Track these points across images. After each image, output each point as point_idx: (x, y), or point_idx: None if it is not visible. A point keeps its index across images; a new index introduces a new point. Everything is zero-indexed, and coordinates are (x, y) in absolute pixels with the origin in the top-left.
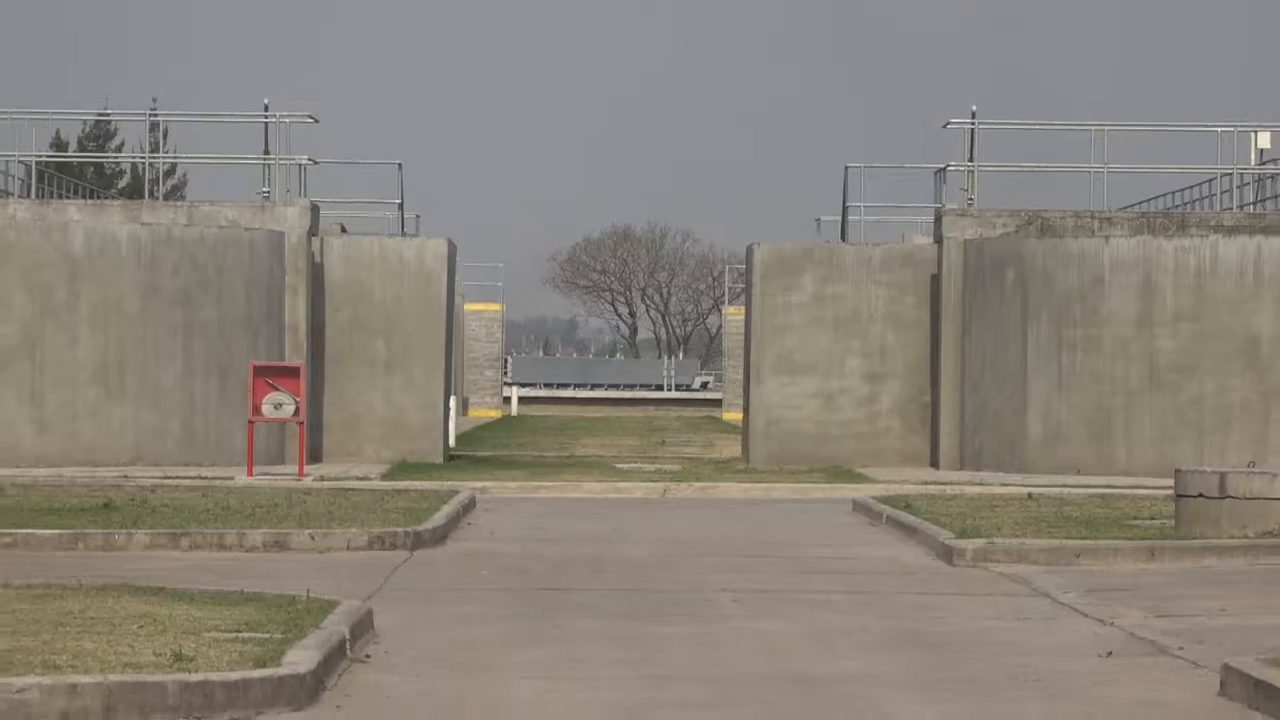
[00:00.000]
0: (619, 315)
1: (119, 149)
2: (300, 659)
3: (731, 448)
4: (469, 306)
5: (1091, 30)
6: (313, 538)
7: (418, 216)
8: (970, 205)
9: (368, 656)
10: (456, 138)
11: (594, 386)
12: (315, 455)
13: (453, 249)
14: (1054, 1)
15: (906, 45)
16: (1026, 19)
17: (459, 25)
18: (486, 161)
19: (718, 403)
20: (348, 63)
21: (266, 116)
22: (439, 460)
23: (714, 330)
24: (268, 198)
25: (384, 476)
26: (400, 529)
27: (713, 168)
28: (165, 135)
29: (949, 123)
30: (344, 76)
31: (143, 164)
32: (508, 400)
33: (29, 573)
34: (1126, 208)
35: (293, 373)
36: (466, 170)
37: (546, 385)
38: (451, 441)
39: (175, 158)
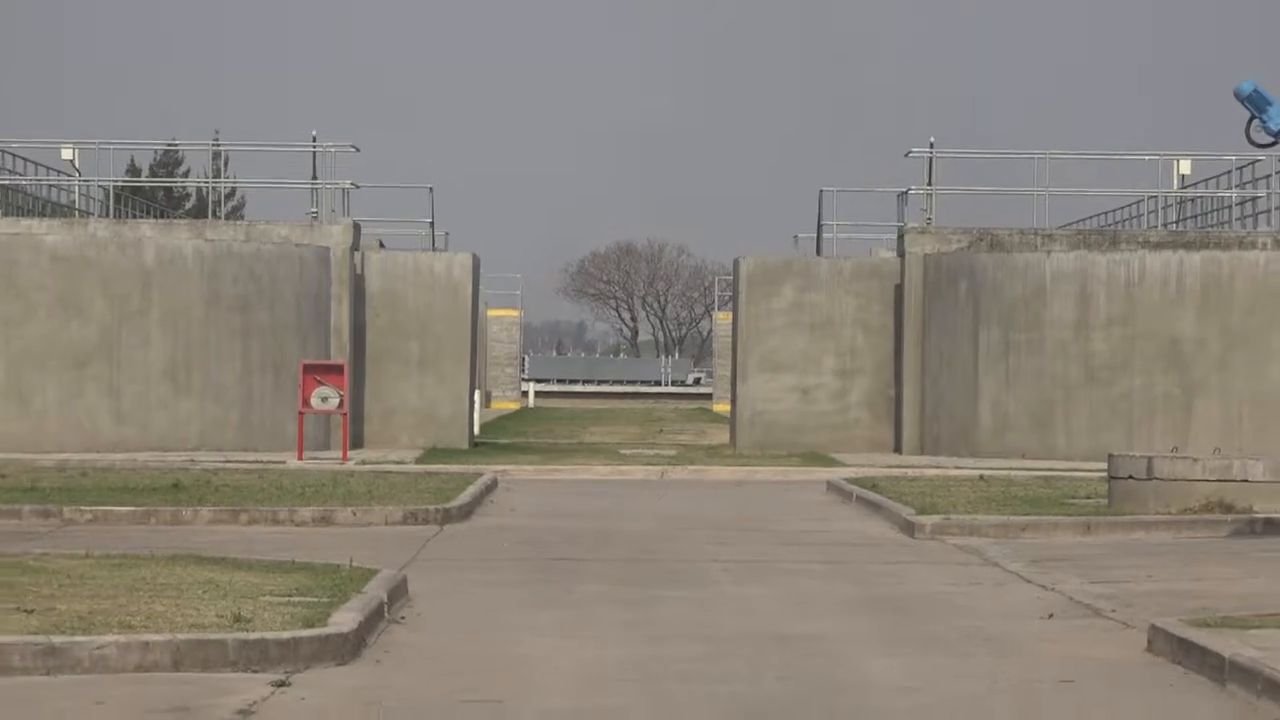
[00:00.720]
0: (622, 319)
1: (186, 174)
2: (344, 620)
3: (721, 436)
4: (491, 312)
5: (1040, 63)
6: (354, 514)
7: (446, 234)
8: (929, 224)
9: (403, 618)
10: (481, 163)
11: (600, 382)
12: (357, 442)
13: (476, 262)
14: (1006, 40)
15: (876, 80)
16: (983, 54)
17: (483, 66)
18: (507, 184)
19: (708, 396)
20: (384, 96)
21: (314, 146)
22: (465, 446)
23: (705, 333)
24: (315, 217)
25: (417, 461)
26: (431, 506)
27: (705, 189)
28: (226, 163)
29: (910, 152)
30: (382, 108)
31: (207, 188)
32: (525, 394)
33: (108, 544)
34: (1065, 226)
35: (337, 370)
36: (490, 192)
37: (559, 381)
38: (476, 430)
39: (235, 182)
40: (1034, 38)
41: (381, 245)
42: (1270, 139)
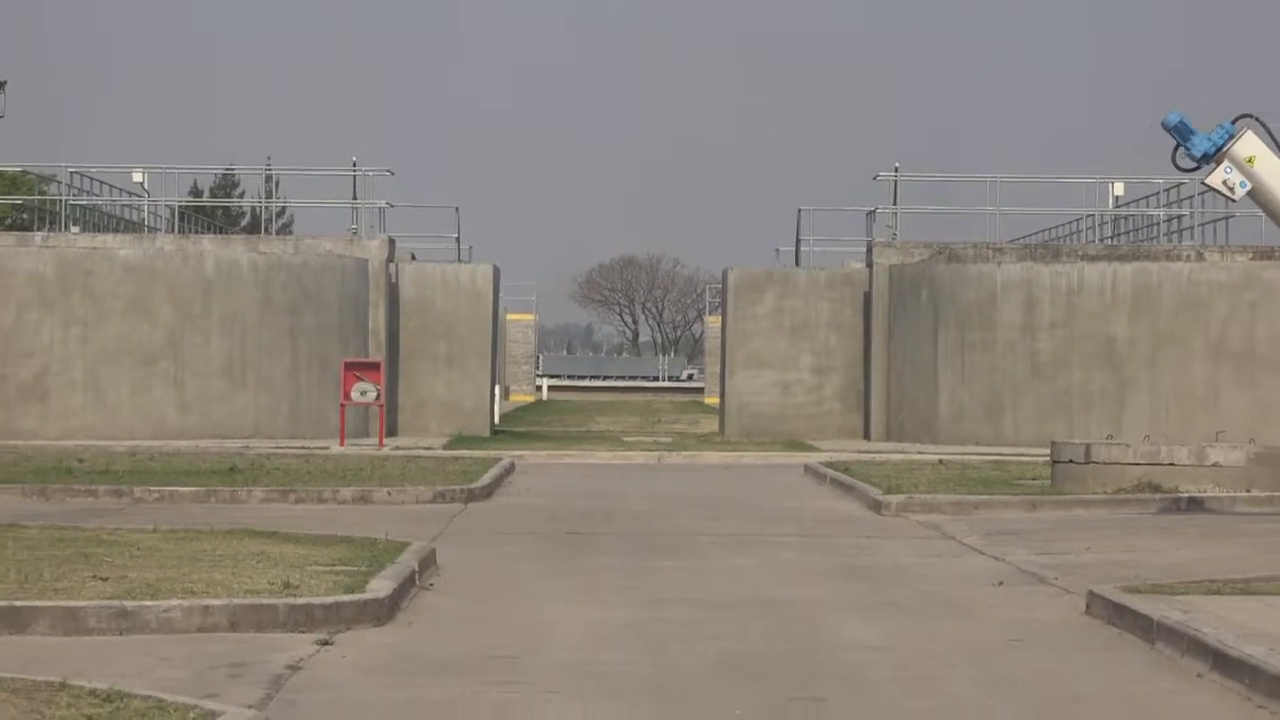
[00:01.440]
0: (625, 322)
1: (241, 195)
2: (380, 587)
3: (711, 425)
4: (510, 316)
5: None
6: (390, 494)
7: (470, 247)
8: (894, 239)
9: (432, 585)
10: (501, 183)
11: (605, 378)
12: (391, 430)
13: (497, 272)
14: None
15: (852, 108)
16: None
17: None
18: (524, 202)
19: (700, 390)
20: (418, 122)
21: (354, 170)
22: (486, 434)
23: (698, 334)
24: (355, 233)
25: (444, 447)
26: (457, 487)
27: (698, 207)
28: (276, 185)
29: (877, 175)
30: (416, 135)
31: (260, 207)
32: (539, 388)
33: (172, 520)
34: (1014, 240)
35: (374, 367)
36: (508, 208)
37: (569, 377)
38: (496, 420)
39: (285, 202)
40: (997, 69)
41: (413, 257)
42: (1194, 165)
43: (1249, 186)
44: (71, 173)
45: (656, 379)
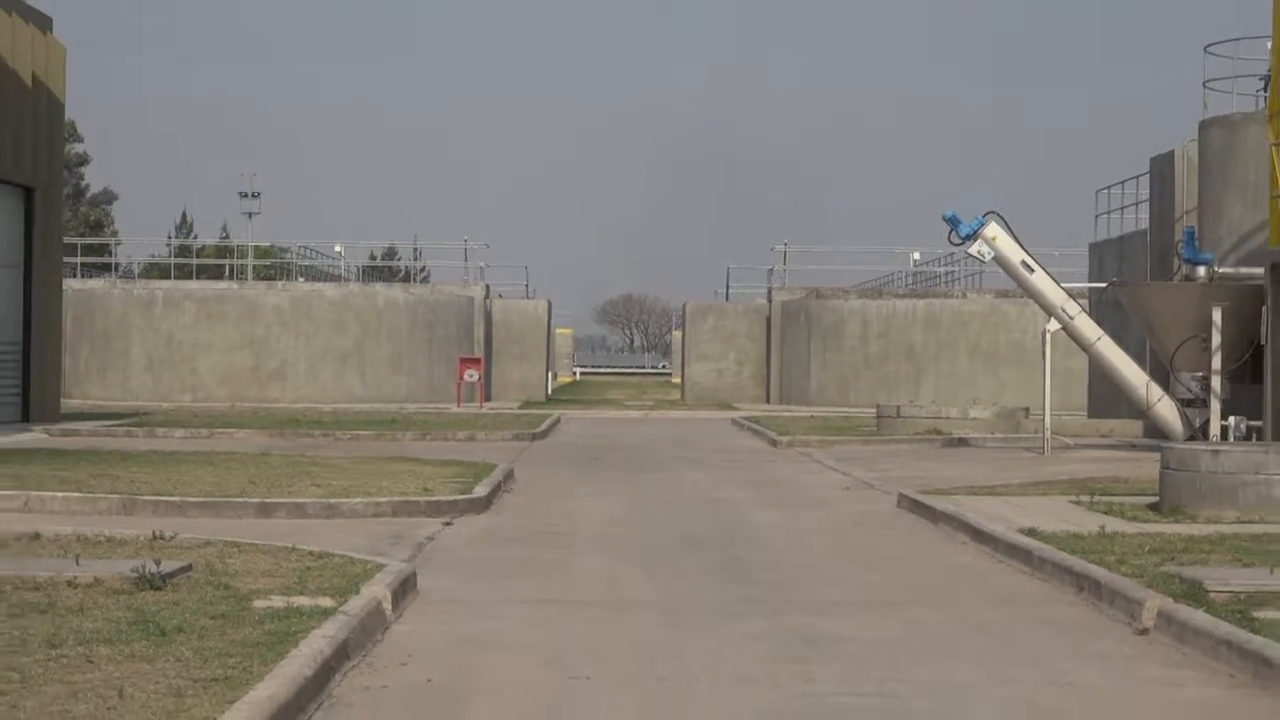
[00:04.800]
0: (626, 334)
1: (397, 257)
2: (481, 490)
3: (675, 395)
4: (558, 330)
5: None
6: (486, 435)
7: (533, 288)
8: (784, 284)
9: (511, 489)
10: (553, 245)
11: (614, 368)
12: (487, 398)
13: (550, 304)
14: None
15: (766, 187)
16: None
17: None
18: (567, 256)
19: (669, 374)
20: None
21: (466, 244)
22: (544, 400)
23: (669, 341)
24: (466, 281)
25: (519, 407)
26: (526, 431)
27: (669, 261)
28: (419, 252)
29: (774, 247)
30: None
31: (411, 265)
32: (575, 373)
33: (357, 451)
34: (856, 285)
35: (477, 361)
36: (558, 261)
37: (594, 367)
38: (549, 392)
39: (425, 261)
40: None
41: (500, 295)
42: (960, 241)
43: (993, 254)
44: (299, 246)
45: (644, 368)
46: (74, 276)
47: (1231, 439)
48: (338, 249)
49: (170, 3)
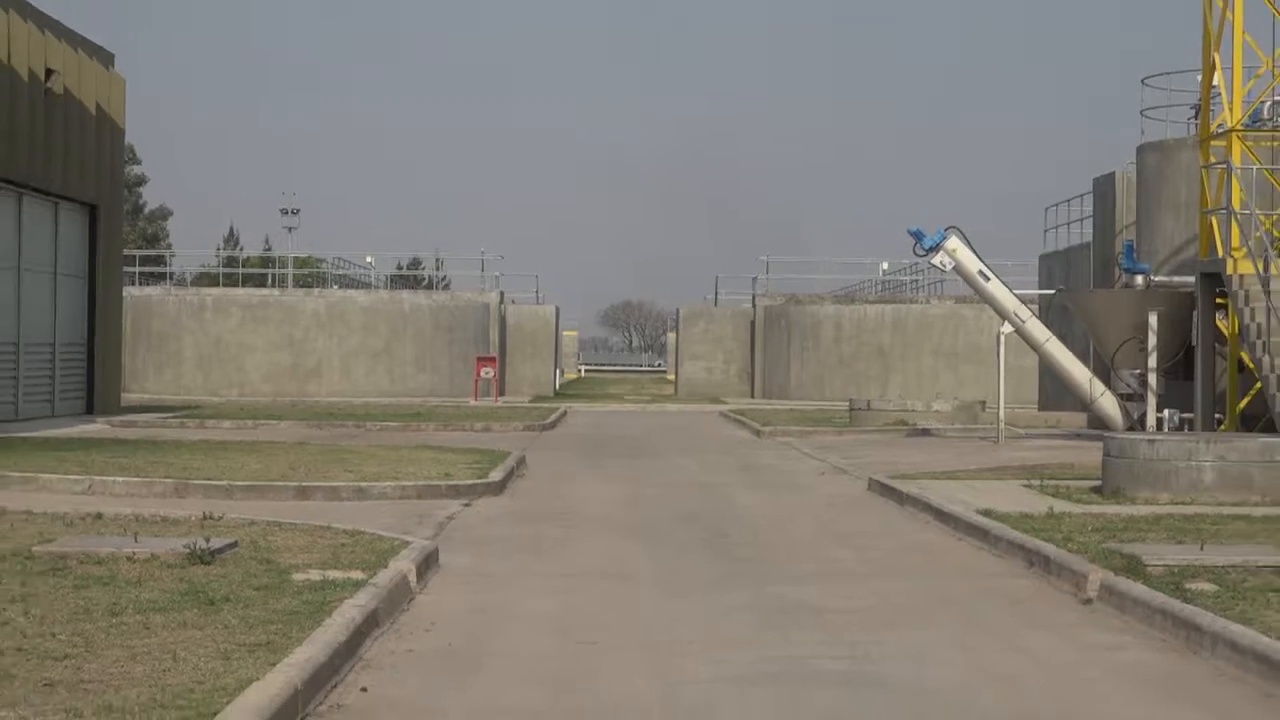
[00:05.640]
0: (626, 335)
1: (420, 267)
2: (496, 475)
3: (670, 391)
4: (565, 332)
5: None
6: (500, 426)
7: (542, 295)
8: (767, 292)
9: (523, 474)
10: (561, 254)
11: (615, 366)
12: (501, 392)
13: (557, 309)
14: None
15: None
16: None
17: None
18: (572, 264)
19: (664, 372)
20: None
21: (483, 255)
22: (552, 395)
23: (665, 342)
24: (483, 289)
25: (530, 401)
26: (537, 421)
27: (666, 269)
28: (441, 262)
29: (759, 258)
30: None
31: (434, 275)
32: (580, 371)
33: (385, 440)
34: (831, 292)
35: (492, 359)
36: (566, 268)
37: (597, 365)
38: (557, 387)
39: (446, 271)
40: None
41: (513, 301)
42: (925, 253)
43: (953, 264)
44: (334, 257)
45: (642, 367)
46: (133, 284)
47: (1166, 429)
48: (368, 260)
49: (220, 43)
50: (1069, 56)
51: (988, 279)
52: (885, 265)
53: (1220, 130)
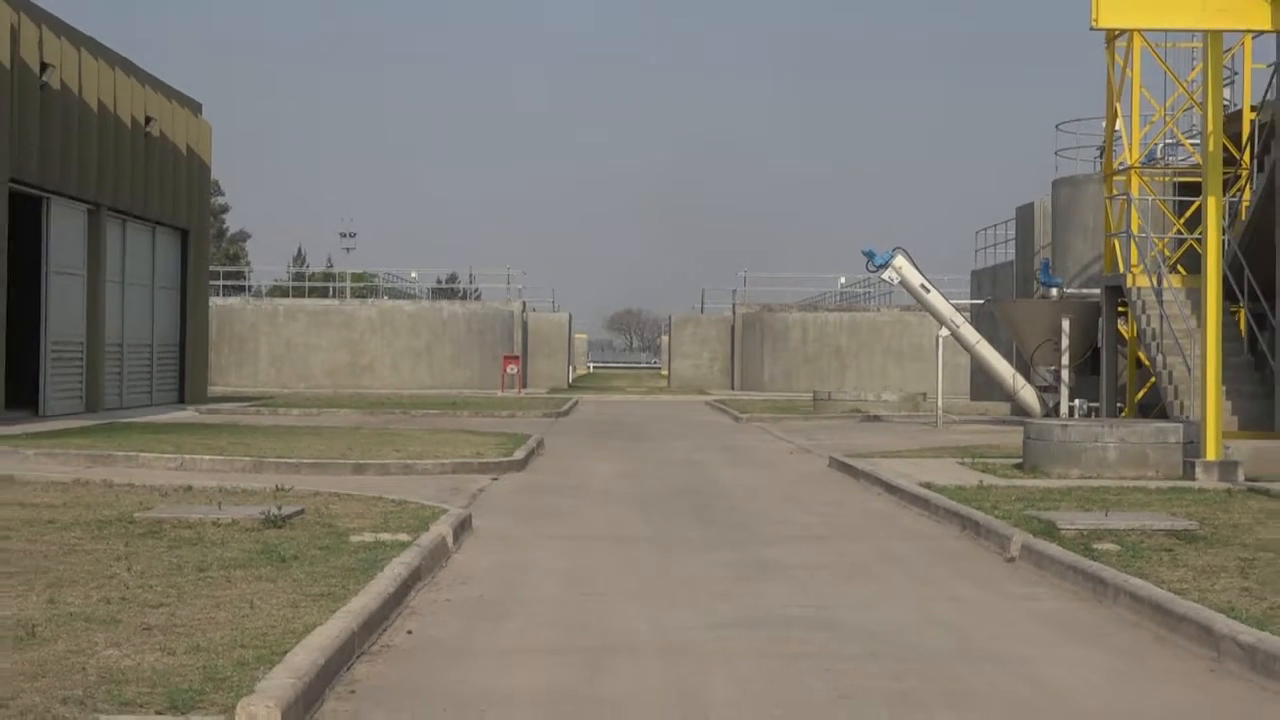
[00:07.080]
0: (628, 339)
1: (458, 281)
2: (519, 454)
3: (663, 384)
4: (577, 335)
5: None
6: (523, 413)
7: (558, 304)
8: (745, 301)
9: (541, 453)
10: (573, 269)
11: (619, 364)
12: (524, 386)
13: (570, 316)
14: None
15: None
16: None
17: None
18: (583, 279)
19: (659, 369)
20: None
21: (509, 270)
22: (565, 387)
23: (660, 343)
24: (508, 298)
25: (548, 393)
26: (554, 410)
27: (661, 281)
28: (474, 277)
29: (736, 273)
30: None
31: (468, 287)
32: (590, 368)
33: (426, 425)
34: (799, 301)
35: (517, 358)
36: (577, 281)
37: (603, 363)
38: (570, 381)
39: (478, 284)
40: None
41: (534, 309)
42: (876, 269)
43: (899, 279)
44: (385, 272)
45: (641, 364)
46: (217, 295)
47: (1076, 416)
48: (413, 274)
49: (292, 95)
50: (993, 104)
51: (929, 291)
52: (843, 279)
53: (1122, 167)
